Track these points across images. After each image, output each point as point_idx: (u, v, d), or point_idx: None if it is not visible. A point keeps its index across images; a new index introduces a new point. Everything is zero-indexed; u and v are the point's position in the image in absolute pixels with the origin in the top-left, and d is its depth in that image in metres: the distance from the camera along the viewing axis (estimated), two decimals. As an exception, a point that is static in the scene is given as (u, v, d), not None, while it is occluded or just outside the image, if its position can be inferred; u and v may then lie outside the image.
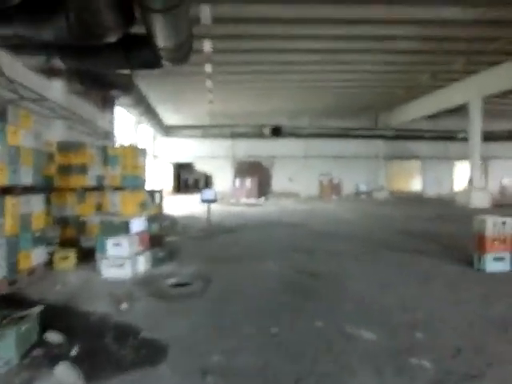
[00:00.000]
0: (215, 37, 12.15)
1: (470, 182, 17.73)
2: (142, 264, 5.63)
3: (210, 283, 4.96)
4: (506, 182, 26.49)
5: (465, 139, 25.32)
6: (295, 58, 15.39)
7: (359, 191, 26.11)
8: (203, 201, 9.35)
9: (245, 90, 19.14)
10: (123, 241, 5.44)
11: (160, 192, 12.19)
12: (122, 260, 5.34)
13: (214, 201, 9.32)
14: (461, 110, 22.62)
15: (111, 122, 15.92)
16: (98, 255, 5.75)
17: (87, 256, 6.26)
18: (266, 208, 19.10)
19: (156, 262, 5.95)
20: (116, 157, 9.46)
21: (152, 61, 9.71)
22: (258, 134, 24.61)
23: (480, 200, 16.94)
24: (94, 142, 11.55)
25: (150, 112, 18.01)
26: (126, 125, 20.07)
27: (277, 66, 15.97)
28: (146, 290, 4.69)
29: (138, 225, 5.94)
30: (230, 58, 14.44)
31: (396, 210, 17.21)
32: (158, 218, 11.46)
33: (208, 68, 14.68)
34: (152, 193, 11.50)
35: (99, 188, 9.27)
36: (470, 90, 17.38)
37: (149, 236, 6.58)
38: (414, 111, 22.63)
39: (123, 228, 5.68)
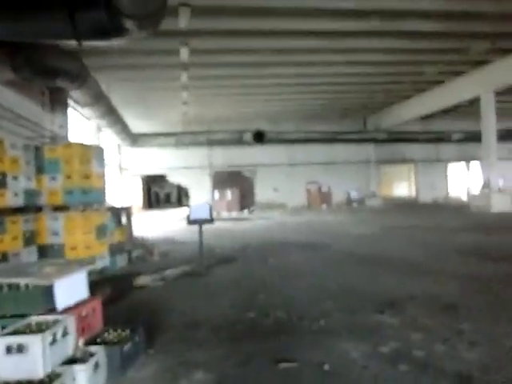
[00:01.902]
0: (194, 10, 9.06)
1: (486, 184, 15.31)
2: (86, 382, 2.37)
3: None
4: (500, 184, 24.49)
5: (459, 141, 23.37)
6: (279, 58, 12.71)
7: (351, 199, 23.41)
8: (192, 222, 6.14)
9: (223, 88, 16.07)
10: (32, 341, 2.18)
11: (128, 209, 8.85)
12: (28, 390, 2.08)
13: (209, 221, 6.12)
14: (455, 110, 20.60)
15: (63, 126, 12.42)
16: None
17: None
18: (256, 222, 15.98)
19: (118, 365, 2.67)
20: (56, 161, 6.16)
21: (107, 24, 6.47)
22: (237, 141, 21.56)
23: (502, 203, 14.52)
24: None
25: (112, 115, 14.63)
26: (83, 131, 16.56)
27: (259, 63, 13.16)
28: None
29: (73, 288, 2.70)
30: (209, 44, 11.30)
31: (409, 219, 14.48)
32: (125, 245, 8.15)
33: (184, 55, 11.49)
34: (116, 211, 8.19)
35: (29, 209, 5.94)
36: (481, 83, 15.00)
37: (104, 297, 3.36)
38: (409, 111, 20.21)
39: (36, 302, 2.45)
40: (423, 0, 9.49)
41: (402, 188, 27.36)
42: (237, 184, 22.98)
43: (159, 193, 39.02)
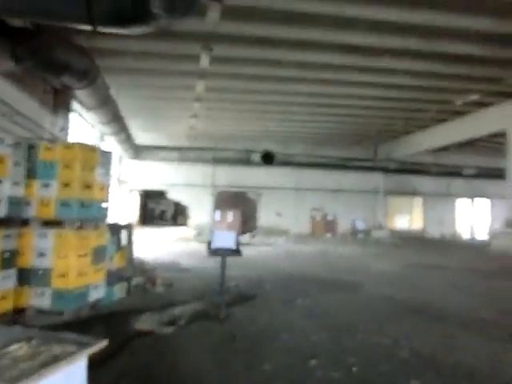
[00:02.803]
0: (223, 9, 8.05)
1: (510, 223, 14.27)
2: None
3: None
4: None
5: (470, 176, 22.54)
6: (301, 73, 11.81)
7: (356, 229, 22.23)
8: (214, 252, 4.90)
9: (237, 103, 15.04)
10: None
11: (129, 227, 7.60)
12: None
13: (235, 252, 4.89)
14: (472, 144, 19.89)
15: (64, 129, 11.26)
16: None
17: None
18: (261, 249, 14.70)
19: None
20: (53, 164, 4.96)
21: (129, 4, 5.40)
22: (243, 161, 20.42)
23: (527, 246, 13.45)
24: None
25: (118, 122, 13.48)
26: (85, 139, 15.39)
27: (279, 78, 12.19)
28: None
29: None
30: (233, 52, 10.22)
31: (429, 256, 13.33)
32: (124, 272, 6.86)
33: (204, 61, 10.38)
34: (117, 230, 6.94)
35: (13, 221, 4.71)
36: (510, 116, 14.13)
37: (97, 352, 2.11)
38: (425, 142, 19.20)
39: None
40: (468, 18, 8.55)
41: (404, 221, 25.90)
42: (239, 206, 21.74)
43: (155, 209, 37.58)
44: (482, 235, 24.19)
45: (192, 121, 16.49)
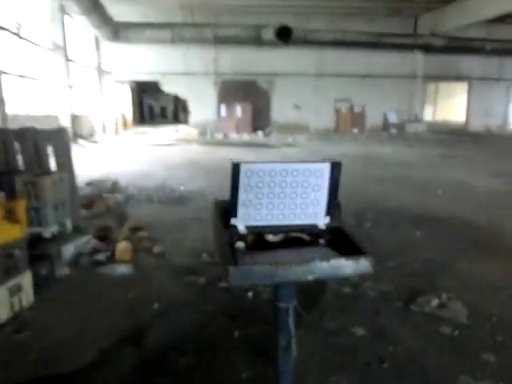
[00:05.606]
0: None
1: None
2: None
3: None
4: None
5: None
6: None
7: (388, 123, 18.10)
8: (242, 276, 1.15)
9: None
10: None
11: (59, 138, 3.73)
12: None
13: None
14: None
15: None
16: None
17: None
18: (283, 151, 11.00)
19: None
20: None
21: None
22: (253, 40, 15.52)
23: None
24: None
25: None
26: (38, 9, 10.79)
27: None
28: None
29: None
30: None
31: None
32: (22, 243, 3.11)
33: None
34: None
35: None
36: None
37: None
38: (486, 7, 14.08)
39: None
40: None
41: (457, 112, 20.80)
42: (249, 98, 17.45)
43: (153, 105, 32.90)
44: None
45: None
